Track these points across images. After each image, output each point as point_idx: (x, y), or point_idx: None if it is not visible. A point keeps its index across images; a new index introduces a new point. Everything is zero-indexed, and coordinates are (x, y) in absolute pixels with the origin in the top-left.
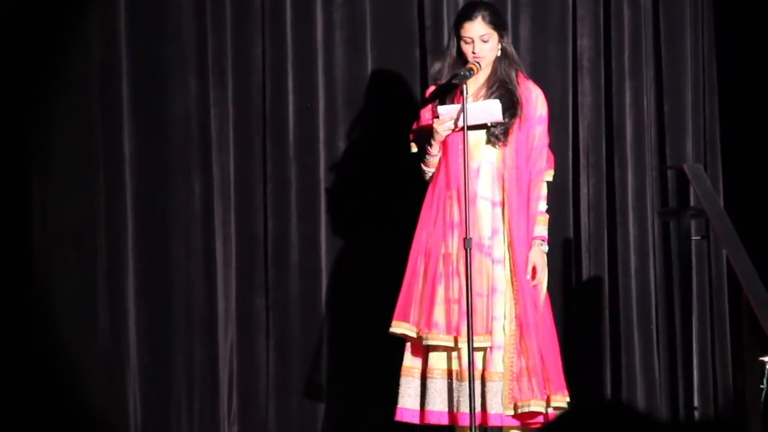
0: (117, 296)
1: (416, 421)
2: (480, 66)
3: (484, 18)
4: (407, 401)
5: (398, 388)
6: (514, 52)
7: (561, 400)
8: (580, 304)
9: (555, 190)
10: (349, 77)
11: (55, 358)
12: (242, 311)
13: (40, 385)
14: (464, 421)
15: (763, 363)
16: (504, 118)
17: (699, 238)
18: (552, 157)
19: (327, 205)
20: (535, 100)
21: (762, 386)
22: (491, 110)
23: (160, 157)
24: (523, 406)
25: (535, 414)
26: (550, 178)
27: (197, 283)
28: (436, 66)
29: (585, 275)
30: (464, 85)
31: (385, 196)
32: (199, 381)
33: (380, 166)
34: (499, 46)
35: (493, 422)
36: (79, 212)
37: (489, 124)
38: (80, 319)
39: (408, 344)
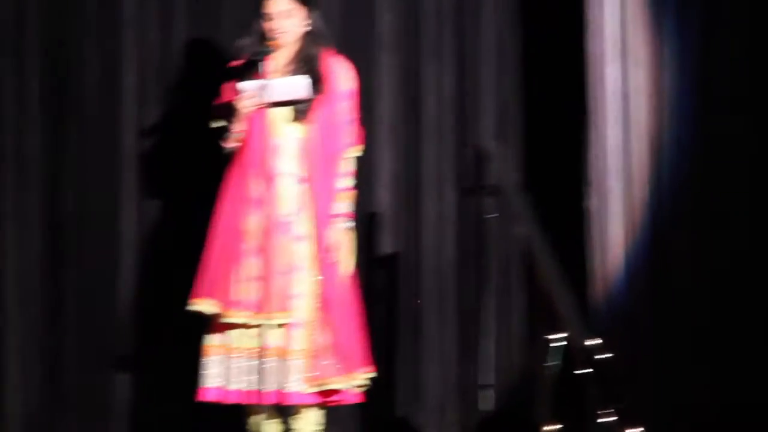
0: None
1: (218, 399)
2: (280, 42)
3: None
4: (209, 380)
5: (201, 368)
6: (322, 28)
7: (361, 377)
8: (381, 280)
9: (358, 167)
10: (160, 51)
11: None
12: (41, 291)
13: None
14: (266, 399)
15: (554, 340)
16: (309, 95)
17: (494, 215)
18: (359, 133)
19: (130, 181)
20: (340, 76)
21: (553, 363)
22: (297, 86)
23: None
24: (323, 384)
25: (336, 391)
26: (357, 154)
27: None
28: (242, 41)
29: (384, 251)
30: (261, 63)
31: (189, 172)
32: None
33: (190, 144)
34: (306, 22)
35: (292, 400)
36: None
37: (295, 101)
38: None
39: (208, 323)
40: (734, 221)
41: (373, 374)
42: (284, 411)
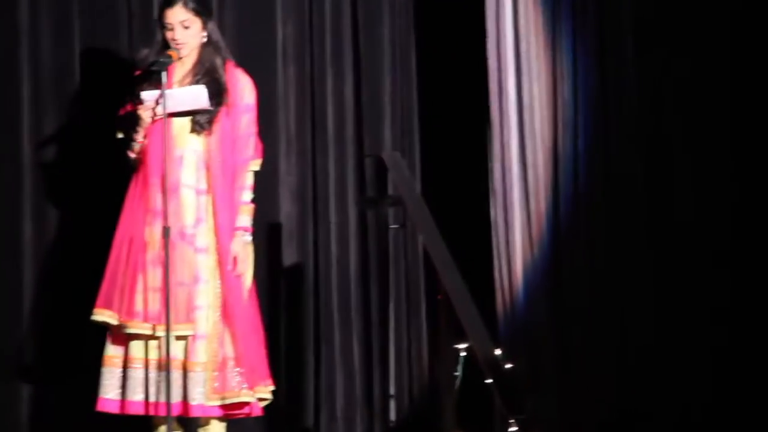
0: None
1: (116, 411)
2: (180, 53)
3: (184, 4)
4: (107, 390)
5: (100, 378)
6: (220, 38)
7: (264, 390)
8: (284, 292)
9: (260, 178)
10: (56, 62)
11: None
12: None
13: None
14: (163, 411)
15: (458, 350)
16: (210, 106)
17: (397, 226)
18: (260, 146)
19: (31, 192)
20: (242, 88)
21: (456, 373)
22: (196, 96)
23: None
24: (229, 397)
25: (242, 404)
26: (257, 168)
27: None
28: (143, 52)
29: (288, 262)
30: (162, 72)
31: (93, 183)
32: None
33: (88, 153)
34: (203, 33)
35: (194, 413)
36: None
37: (193, 111)
38: None
39: (109, 333)
40: (631, 232)
41: (273, 387)
42: (188, 423)
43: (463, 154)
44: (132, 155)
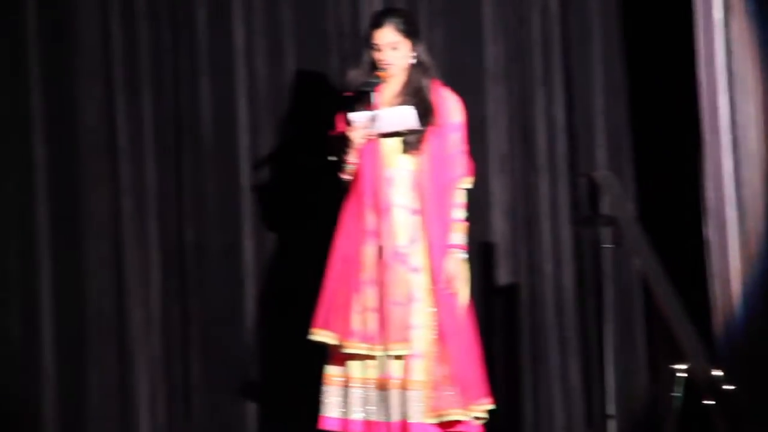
0: (30, 306)
1: (338, 429)
2: (389, 74)
3: (393, 26)
4: (329, 409)
5: (322, 397)
6: (428, 59)
7: (478, 409)
8: (499, 311)
9: (472, 197)
10: (271, 84)
11: None
12: (162, 320)
13: None
14: (383, 430)
15: (677, 371)
16: (418, 126)
17: (611, 246)
18: (470, 165)
19: (249, 211)
20: (450, 108)
21: (676, 394)
22: (405, 117)
23: (71, 165)
24: (444, 415)
25: (457, 423)
26: (468, 186)
27: (110, 293)
28: (352, 73)
29: (501, 282)
30: (371, 94)
31: (307, 203)
32: (115, 392)
33: (302, 174)
34: (412, 54)
35: (414, 431)
36: None
37: (403, 132)
38: None
39: (330, 352)
40: None
41: (492, 406)
42: None
43: (676, 173)
44: (344, 176)
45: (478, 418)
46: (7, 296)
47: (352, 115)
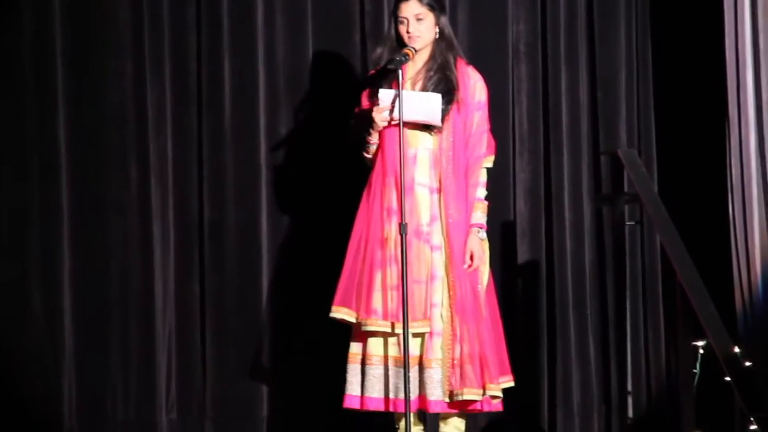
0: (51, 282)
1: (357, 407)
2: (415, 50)
3: None
4: (351, 387)
5: (345, 375)
6: (452, 35)
7: (496, 388)
8: (519, 290)
9: (493, 176)
10: (291, 63)
11: None
12: (180, 297)
13: None
14: (402, 407)
15: (696, 347)
16: (439, 123)
17: (633, 223)
18: (492, 143)
19: (267, 190)
20: (473, 86)
21: (695, 371)
22: (430, 107)
23: (96, 141)
24: (457, 395)
25: (471, 402)
26: (490, 164)
27: (133, 269)
28: (377, 51)
29: (522, 260)
30: (397, 70)
31: (326, 181)
32: (135, 367)
33: (322, 152)
34: (436, 28)
35: (433, 408)
36: (12, 196)
37: (425, 124)
38: (13, 305)
39: (352, 331)
40: None
41: (512, 383)
42: (428, 418)
43: (700, 151)
44: (366, 155)
45: (495, 397)
46: (29, 271)
47: (380, 92)
